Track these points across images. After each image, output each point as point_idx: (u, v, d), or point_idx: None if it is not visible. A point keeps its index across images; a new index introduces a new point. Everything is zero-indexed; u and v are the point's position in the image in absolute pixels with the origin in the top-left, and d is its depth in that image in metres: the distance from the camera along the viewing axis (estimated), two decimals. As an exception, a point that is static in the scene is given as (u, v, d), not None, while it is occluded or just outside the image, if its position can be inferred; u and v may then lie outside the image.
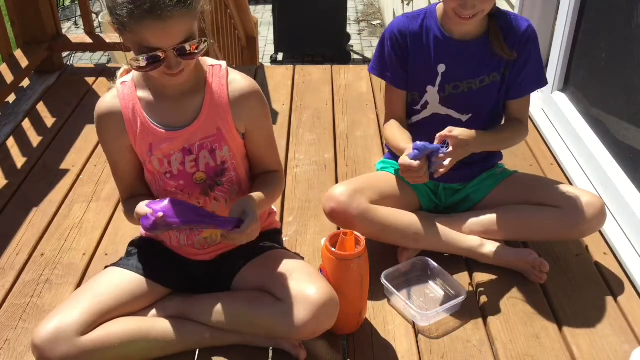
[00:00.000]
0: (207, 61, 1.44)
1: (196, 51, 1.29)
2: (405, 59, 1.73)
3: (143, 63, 1.27)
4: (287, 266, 1.50)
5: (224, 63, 1.45)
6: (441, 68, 1.71)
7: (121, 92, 1.42)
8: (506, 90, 1.75)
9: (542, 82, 1.79)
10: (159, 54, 1.25)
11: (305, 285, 1.42)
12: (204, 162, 1.44)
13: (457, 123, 1.74)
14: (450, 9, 1.59)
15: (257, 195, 1.43)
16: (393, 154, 1.91)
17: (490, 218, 1.79)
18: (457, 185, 1.86)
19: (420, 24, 1.71)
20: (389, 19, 6.31)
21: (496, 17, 1.68)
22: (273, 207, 1.70)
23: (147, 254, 1.57)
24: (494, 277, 1.77)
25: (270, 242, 1.60)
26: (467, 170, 1.83)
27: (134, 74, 1.43)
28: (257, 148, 1.51)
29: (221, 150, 1.44)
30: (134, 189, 1.52)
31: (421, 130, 1.77)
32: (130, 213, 1.45)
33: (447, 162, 1.56)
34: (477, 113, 1.76)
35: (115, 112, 1.42)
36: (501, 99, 1.77)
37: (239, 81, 1.44)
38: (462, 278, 1.75)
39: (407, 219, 1.76)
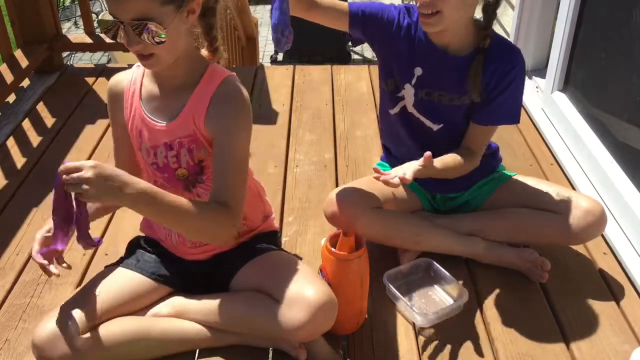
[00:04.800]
0: (216, 66, 1.41)
1: (149, 38, 1.25)
2: (388, 38, 1.66)
3: (103, 27, 1.27)
4: (285, 267, 1.49)
5: (227, 70, 1.42)
6: (417, 71, 1.67)
7: (131, 74, 1.46)
8: (471, 112, 1.68)
9: (511, 120, 1.69)
10: (116, 23, 1.25)
11: (303, 286, 1.42)
12: (185, 160, 1.43)
13: (428, 131, 1.73)
14: (418, 8, 1.55)
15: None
16: (388, 155, 1.92)
17: (490, 220, 1.79)
18: (453, 195, 1.86)
19: (412, 19, 1.66)
20: (389, 19, 6.29)
21: (489, 45, 1.60)
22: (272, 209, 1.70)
23: (147, 253, 1.57)
24: (494, 277, 1.77)
25: (268, 244, 1.59)
26: (461, 180, 1.80)
27: None
28: (215, 157, 1.38)
29: (199, 151, 1.42)
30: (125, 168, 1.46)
31: (398, 123, 1.77)
32: None
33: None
34: (447, 126, 1.71)
35: (120, 89, 1.46)
36: (468, 120, 1.71)
37: (226, 85, 1.39)
38: (463, 278, 1.75)
39: (409, 222, 1.76)
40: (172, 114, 1.40)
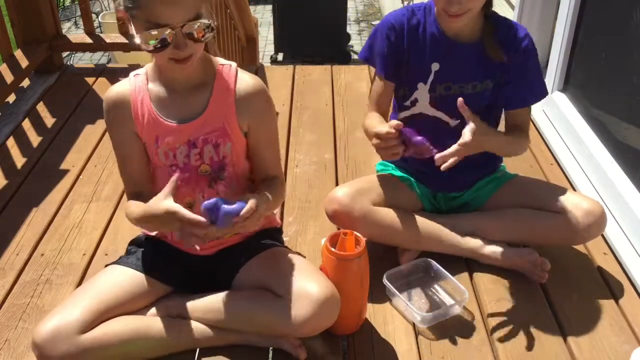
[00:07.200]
0: (219, 60, 1.47)
1: (204, 34, 1.31)
2: (399, 52, 1.69)
3: (152, 40, 1.27)
4: (288, 263, 1.50)
5: (234, 63, 1.47)
6: (435, 67, 1.68)
7: (133, 83, 1.45)
8: (506, 100, 1.73)
9: (542, 94, 1.75)
10: (168, 31, 1.26)
11: (306, 282, 1.43)
12: (209, 156, 1.46)
13: (445, 127, 1.73)
14: (439, 8, 1.59)
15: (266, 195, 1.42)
16: None
17: (490, 220, 1.79)
18: (455, 194, 1.86)
19: (418, 18, 1.68)
20: (389, 19, 6.28)
21: (492, 20, 1.67)
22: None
23: (148, 252, 1.57)
24: (494, 277, 1.77)
25: (272, 240, 1.60)
26: (462, 178, 1.81)
27: (147, 67, 1.46)
28: (258, 147, 1.51)
29: (224, 146, 1.45)
30: (142, 184, 1.51)
31: (408, 125, 1.76)
32: (134, 213, 1.43)
33: (452, 151, 1.52)
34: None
35: (123, 100, 1.45)
36: (493, 107, 1.74)
37: (247, 80, 1.46)
38: (462, 278, 1.75)
39: (409, 220, 1.76)
40: (194, 112, 1.43)
